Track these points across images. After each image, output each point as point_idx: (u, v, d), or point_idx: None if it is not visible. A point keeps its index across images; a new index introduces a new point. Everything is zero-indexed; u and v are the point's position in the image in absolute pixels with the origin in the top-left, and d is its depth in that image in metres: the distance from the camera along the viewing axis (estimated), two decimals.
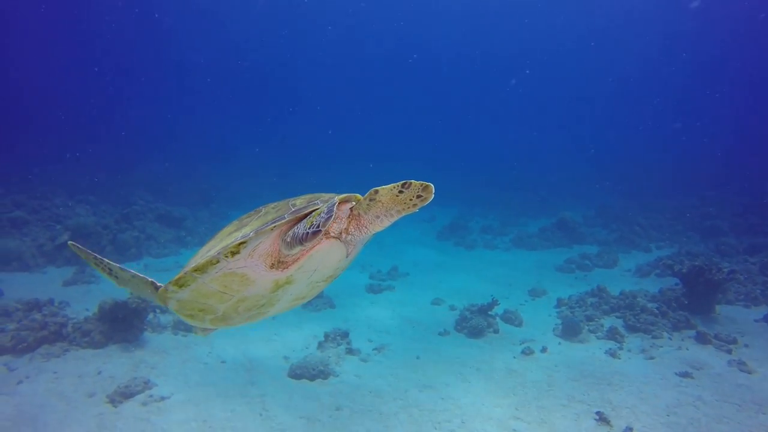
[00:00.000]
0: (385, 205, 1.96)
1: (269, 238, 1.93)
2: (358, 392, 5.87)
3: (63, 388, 5.72)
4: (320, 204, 1.94)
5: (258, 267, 1.96)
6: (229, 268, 1.93)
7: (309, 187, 12.39)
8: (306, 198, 2.08)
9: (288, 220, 1.91)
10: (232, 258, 1.89)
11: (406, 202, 1.95)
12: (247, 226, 1.99)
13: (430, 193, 1.92)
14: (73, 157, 19.62)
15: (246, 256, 1.91)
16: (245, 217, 2.17)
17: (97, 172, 18.79)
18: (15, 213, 12.49)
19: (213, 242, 2.14)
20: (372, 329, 7.97)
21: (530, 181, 27.18)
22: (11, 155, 20.82)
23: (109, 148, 26.30)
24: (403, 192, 1.92)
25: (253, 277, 1.99)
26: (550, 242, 15.62)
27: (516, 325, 8.43)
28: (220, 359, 6.58)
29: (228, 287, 2.02)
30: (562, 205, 21.12)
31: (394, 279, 11.04)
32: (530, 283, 11.02)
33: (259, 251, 1.92)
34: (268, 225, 1.88)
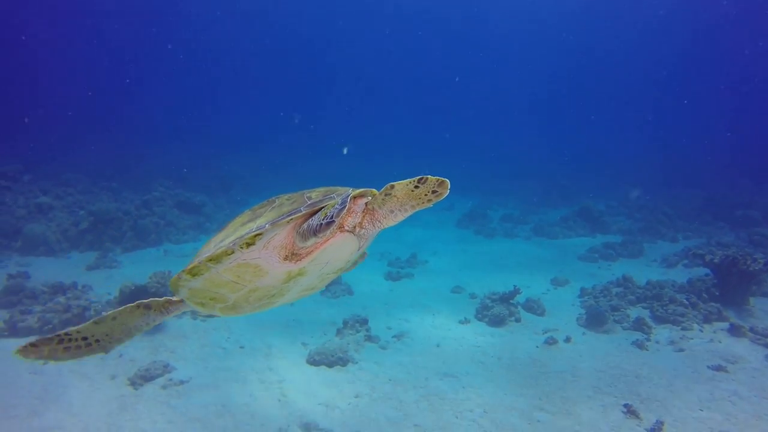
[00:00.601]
0: (400, 200, 1.94)
1: (284, 230, 1.94)
2: (378, 380, 5.78)
3: (86, 370, 5.79)
4: (336, 198, 1.94)
5: (272, 258, 1.97)
6: (243, 259, 1.94)
7: (328, 178, 12.34)
8: (322, 191, 2.07)
9: (304, 213, 1.91)
10: (247, 249, 1.90)
11: (421, 198, 1.93)
12: (262, 217, 1.99)
13: (445, 189, 1.90)
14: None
15: (261, 248, 1.92)
16: (258, 208, 2.16)
17: (119, 160, 19.03)
18: (41, 199, 12.73)
19: (226, 232, 2.11)
20: (391, 317, 7.87)
21: (550, 171, 26.62)
22: (39, 143, 21.24)
23: (130, 136, 26.66)
24: (418, 187, 1.90)
25: (267, 268, 2.00)
26: (572, 231, 15.25)
27: (538, 314, 8.23)
28: (239, 344, 6.57)
29: (241, 277, 2.03)
30: (583, 195, 20.63)
31: (413, 267, 10.91)
32: (552, 272, 10.76)
33: (273, 243, 1.93)
34: (284, 217, 1.89)
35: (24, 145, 19.35)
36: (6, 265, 10.05)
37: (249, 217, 2.08)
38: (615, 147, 34.14)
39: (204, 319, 7.41)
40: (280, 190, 8.32)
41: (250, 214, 2.11)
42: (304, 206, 1.93)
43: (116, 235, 11.42)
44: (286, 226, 1.92)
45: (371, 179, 10.80)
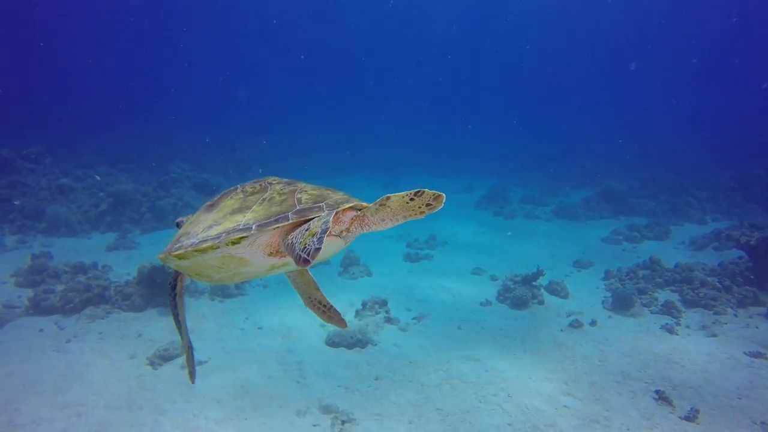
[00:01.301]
0: (393, 210, 1.97)
1: (270, 233, 1.96)
2: (398, 362, 5.67)
3: (107, 349, 5.81)
4: (324, 209, 1.91)
5: (257, 254, 2.00)
6: (229, 253, 1.96)
7: (344, 167, 12.11)
8: (313, 195, 2.02)
9: (290, 222, 1.89)
10: (232, 246, 1.92)
11: (414, 209, 1.96)
12: (251, 210, 1.98)
13: (440, 203, 1.92)
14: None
15: (246, 246, 1.94)
16: (250, 191, 2.14)
17: (138, 143, 19.12)
18: (62, 180, 12.87)
19: (216, 215, 2.09)
20: (410, 298, 7.73)
21: (571, 152, 25.92)
22: (59, 127, 21.48)
23: (149, 119, 26.78)
24: (414, 200, 1.92)
25: (251, 260, 2.03)
26: (595, 213, 14.84)
27: (562, 296, 8.00)
28: (257, 325, 6.51)
29: (226, 265, 2.07)
30: (605, 176, 20.07)
31: (432, 248, 10.72)
32: (575, 254, 10.48)
33: (259, 242, 1.96)
34: (270, 222, 1.88)
35: (46, 129, 19.58)
36: (31, 245, 10.20)
37: (239, 203, 2.06)
38: (637, 127, 33.03)
39: (222, 299, 7.38)
40: (294, 174, 8.07)
41: (241, 199, 2.09)
42: (292, 212, 1.91)
43: (135, 216, 11.47)
44: (273, 231, 1.93)
45: (390, 165, 10.37)
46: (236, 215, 1.98)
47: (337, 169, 21.82)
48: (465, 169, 23.48)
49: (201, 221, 2.12)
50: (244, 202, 2.07)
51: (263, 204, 2.00)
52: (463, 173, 22.51)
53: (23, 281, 7.96)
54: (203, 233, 1.99)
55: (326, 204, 1.94)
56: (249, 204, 2.03)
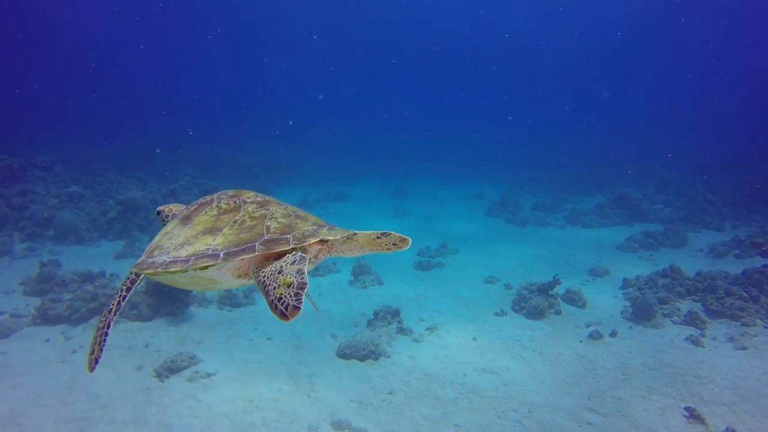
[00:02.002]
0: (360, 244, 2.10)
1: (237, 261, 1.97)
2: (412, 375, 5.46)
3: (113, 360, 5.66)
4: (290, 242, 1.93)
5: (226, 276, 2.04)
6: (197, 275, 2.00)
7: (353, 174, 11.96)
8: (281, 225, 2.03)
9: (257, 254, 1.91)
10: (200, 271, 1.95)
11: (381, 246, 2.10)
12: (221, 233, 2.00)
13: (406, 245, 2.09)
14: None
15: (214, 271, 1.97)
16: (224, 206, 2.17)
17: (146, 150, 19.16)
18: (72, 188, 12.86)
19: (189, 231, 2.10)
20: (423, 308, 7.52)
21: (581, 158, 25.63)
22: (70, 135, 21.63)
23: (158, 127, 26.93)
24: (381, 239, 2.07)
25: (221, 280, 2.08)
26: (609, 220, 14.55)
27: (579, 306, 7.75)
28: (266, 336, 6.34)
29: (196, 282, 2.13)
30: (618, 182, 19.78)
31: (444, 256, 10.51)
32: (590, 262, 10.22)
33: (227, 267, 1.98)
34: (237, 253, 1.89)
35: (57, 137, 19.72)
36: (40, 253, 10.16)
37: (212, 222, 2.08)
38: (649, 133, 32.64)
39: (230, 309, 7.22)
40: (303, 180, 7.84)
41: (215, 217, 2.11)
42: (259, 242, 1.92)
43: (143, 224, 11.40)
44: (239, 262, 1.97)
45: (400, 172, 10.12)
46: (207, 236, 2.01)
47: (347, 176, 21.74)
48: (474, 175, 23.31)
49: (175, 235, 2.13)
50: (216, 221, 2.09)
51: (233, 228, 2.02)
52: (472, 180, 22.33)
53: (31, 290, 7.88)
54: (174, 252, 2.01)
55: (293, 236, 1.96)
56: (221, 225, 2.05)
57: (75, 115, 27.13)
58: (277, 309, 1.67)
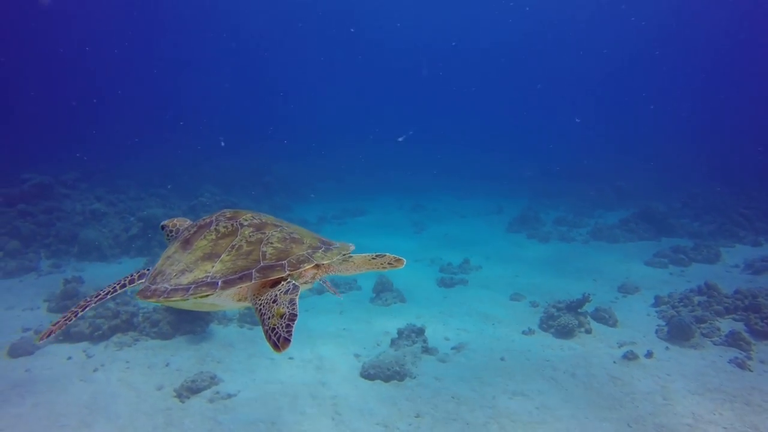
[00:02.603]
0: (356, 264, 2.23)
1: (236, 287, 2.04)
2: (440, 397, 5.24)
3: (133, 379, 5.58)
4: (285, 269, 1.99)
5: (226, 300, 2.11)
6: (197, 301, 2.07)
7: (372, 190, 11.93)
8: (277, 250, 2.10)
9: (254, 282, 1.99)
10: (201, 299, 2.03)
11: (377, 266, 2.22)
12: (219, 259, 2.08)
13: (400, 264, 2.20)
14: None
15: (214, 298, 2.04)
16: (222, 229, 2.24)
17: (167, 167, 19.48)
18: (95, 205, 13.05)
19: (189, 256, 2.19)
20: (448, 326, 7.30)
21: (602, 172, 25.18)
22: (95, 152, 22.15)
23: (179, 143, 27.44)
24: (376, 259, 2.20)
25: (222, 304, 2.17)
26: (634, 234, 14.13)
27: (610, 324, 7.42)
28: (287, 355, 6.19)
29: (198, 306, 2.21)
30: (641, 196, 19.31)
31: (467, 272, 10.27)
32: (618, 279, 9.88)
33: (227, 293, 2.04)
34: (235, 281, 1.97)
35: (81, 154, 20.20)
36: (64, 269, 10.27)
37: (211, 247, 2.16)
38: (671, 145, 31.99)
39: (251, 327, 7.11)
40: (321, 196, 7.69)
41: (213, 242, 2.18)
42: (256, 269, 1.99)
43: (164, 241, 11.39)
44: (236, 289, 2.04)
45: (417, 188, 9.95)
46: (206, 263, 2.09)
47: (365, 191, 21.71)
48: (491, 190, 23.04)
49: (176, 260, 2.21)
50: (215, 246, 2.16)
51: (231, 254, 2.09)
52: (490, 195, 22.07)
53: (55, 306, 7.93)
54: (176, 279, 2.09)
55: (288, 263, 2.02)
56: (218, 251, 2.13)
57: (100, 130, 27.86)
58: (271, 339, 1.73)
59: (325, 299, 8.59)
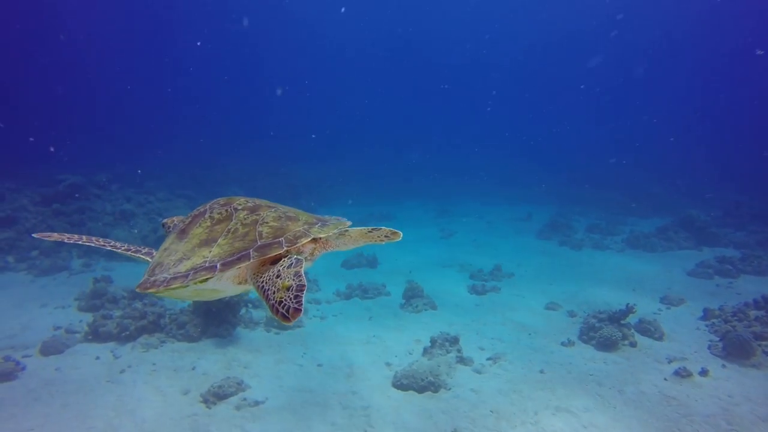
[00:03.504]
0: (354, 238, 2.20)
1: (234, 269, 2.00)
2: (477, 411, 4.92)
3: (160, 382, 5.44)
4: (283, 245, 1.96)
5: (226, 284, 2.07)
6: (199, 288, 2.03)
7: (398, 195, 11.71)
8: (273, 228, 2.06)
9: (252, 261, 1.95)
10: (201, 284, 1.98)
11: (373, 239, 2.21)
12: (216, 244, 2.04)
13: (397, 237, 2.19)
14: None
15: (214, 282, 2.00)
16: (217, 216, 2.21)
17: (195, 169, 19.70)
18: (125, 206, 13.21)
19: (186, 245, 2.15)
20: (482, 335, 6.96)
21: (633, 179, 24.33)
22: (125, 156, 22.64)
23: (205, 146, 27.85)
24: (372, 233, 2.19)
25: (223, 289, 2.12)
26: (674, 243, 13.45)
27: (656, 338, 6.95)
28: (316, 362, 5.97)
29: (200, 294, 2.18)
30: (676, 203, 18.52)
31: (498, 280, 9.90)
32: (659, 289, 9.36)
33: (227, 275, 2.01)
34: (233, 262, 1.93)
35: (110, 155, 20.67)
36: (94, 269, 10.35)
37: (207, 233, 2.12)
38: (709, 152, 30.75)
39: (278, 332, 6.93)
40: (346, 200, 7.39)
41: (209, 228, 2.15)
42: (253, 248, 1.95)
43: None
44: (236, 270, 2.01)
45: (443, 193, 9.62)
46: (203, 249, 2.05)
47: (389, 196, 21.50)
48: (518, 197, 22.51)
49: (173, 251, 2.18)
50: (210, 232, 2.13)
51: (227, 237, 2.06)
52: (517, 201, 21.57)
53: (85, 305, 7.93)
54: (174, 268, 2.05)
55: (285, 239, 1.98)
56: (215, 236, 2.09)
57: (131, 133, 28.58)
58: (279, 312, 1.68)
59: (354, 305, 8.36)
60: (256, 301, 7.84)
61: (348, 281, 9.41)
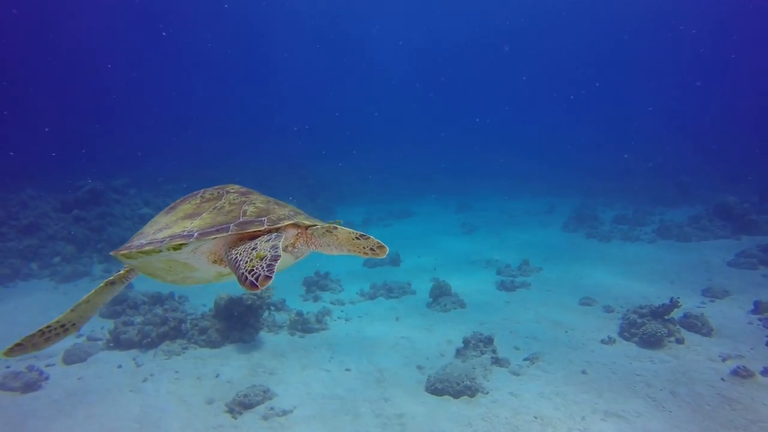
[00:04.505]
0: (339, 241, 2.05)
1: (212, 242, 1.96)
2: (520, 417, 4.57)
3: (183, 391, 5.23)
4: (265, 224, 1.92)
5: (201, 260, 2.02)
6: (172, 257, 1.98)
7: (416, 191, 11.42)
8: (259, 209, 2.04)
9: (231, 234, 1.90)
10: (174, 252, 1.93)
11: (359, 248, 2.04)
12: (199, 217, 2.02)
13: (383, 254, 2.00)
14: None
15: (189, 252, 1.96)
16: (208, 195, 2.21)
17: (210, 171, 19.67)
18: (143, 210, 13.17)
19: (172, 215, 2.15)
20: (516, 334, 6.59)
21: (659, 167, 23.51)
22: (141, 160, 22.79)
23: (220, 146, 27.93)
24: (359, 240, 2.02)
25: (197, 266, 2.05)
26: (709, 232, 12.82)
27: (704, 333, 6.50)
28: (344, 366, 5.69)
29: (173, 268, 2.10)
30: (706, 191, 17.80)
31: (527, 275, 9.50)
32: (699, 281, 8.87)
33: (202, 249, 1.97)
34: (211, 232, 1.90)
35: (125, 159, 20.80)
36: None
37: (194, 209, 2.11)
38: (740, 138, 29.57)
39: (302, 335, 6.68)
40: (364, 198, 6.99)
41: (197, 205, 2.14)
42: (234, 223, 1.93)
43: None
44: (212, 240, 1.94)
45: (462, 189, 9.13)
46: (186, 221, 2.03)
47: (408, 193, 21.19)
48: (539, 190, 21.95)
49: (157, 223, 2.18)
50: (198, 208, 2.12)
51: (212, 212, 2.04)
52: (538, 194, 21.03)
53: (106, 311, 7.80)
54: (152, 235, 2.04)
55: (268, 219, 1.95)
56: (201, 211, 2.08)
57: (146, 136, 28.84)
58: (247, 280, 1.62)
59: (379, 305, 8.07)
60: (278, 304, 7.62)
61: (371, 280, 9.13)
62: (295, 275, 9.67)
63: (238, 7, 40.22)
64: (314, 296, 8.47)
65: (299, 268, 10.27)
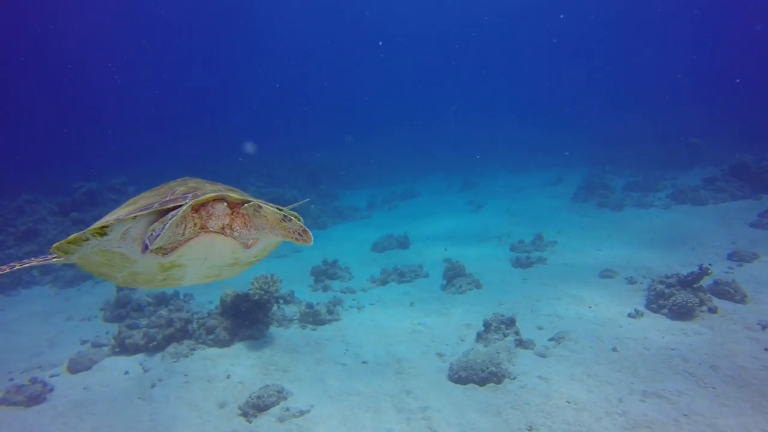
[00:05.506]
0: (270, 223, 1.92)
1: (138, 223, 1.83)
2: (552, 402, 4.27)
3: (193, 396, 4.97)
4: (189, 200, 1.79)
5: (132, 248, 1.90)
6: (104, 247, 1.89)
7: (420, 169, 10.91)
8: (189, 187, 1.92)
9: (153, 210, 1.80)
10: (100, 238, 1.84)
11: (288, 232, 1.90)
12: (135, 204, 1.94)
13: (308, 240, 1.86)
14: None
15: (117, 238, 1.86)
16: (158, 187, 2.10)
17: (211, 164, 19.31)
18: None
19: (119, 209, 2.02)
20: (537, 313, 6.28)
21: (667, 130, 22.88)
22: (140, 156, 22.45)
23: (222, 137, 27.51)
24: (285, 222, 1.89)
25: (133, 257, 1.95)
26: (726, 194, 12.38)
27: (737, 300, 6.15)
28: (360, 359, 5.40)
29: (112, 261, 1.99)
30: (719, 152, 17.24)
31: (542, 250, 9.15)
32: (722, 245, 8.50)
33: (130, 235, 1.86)
34: (134, 211, 1.81)
35: (123, 156, 20.46)
36: None
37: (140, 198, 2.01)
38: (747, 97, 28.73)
39: (314, 327, 6.39)
40: (367, 182, 6.47)
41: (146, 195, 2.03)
42: (159, 201, 1.84)
43: None
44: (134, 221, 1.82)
45: (467, 165, 8.55)
46: (125, 208, 1.94)
47: (411, 173, 20.76)
48: (545, 162, 21.43)
49: (119, 209, 2.11)
50: (143, 197, 2.02)
51: (148, 198, 1.95)
52: (545, 166, 20.53)
53: (110, 316, 7.58)
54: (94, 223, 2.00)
55: (193, 195, 1.84)
56: (140, 198, 2.00)
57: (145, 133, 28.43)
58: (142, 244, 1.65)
59: (391, 290, 7.76)
60: (287, 296, 7.33)
61: (381, 265, 8.82)
62: (302, 265, 9.37)
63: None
64: (323, 286, 8.17)
65: (306, 258, 9.97)
